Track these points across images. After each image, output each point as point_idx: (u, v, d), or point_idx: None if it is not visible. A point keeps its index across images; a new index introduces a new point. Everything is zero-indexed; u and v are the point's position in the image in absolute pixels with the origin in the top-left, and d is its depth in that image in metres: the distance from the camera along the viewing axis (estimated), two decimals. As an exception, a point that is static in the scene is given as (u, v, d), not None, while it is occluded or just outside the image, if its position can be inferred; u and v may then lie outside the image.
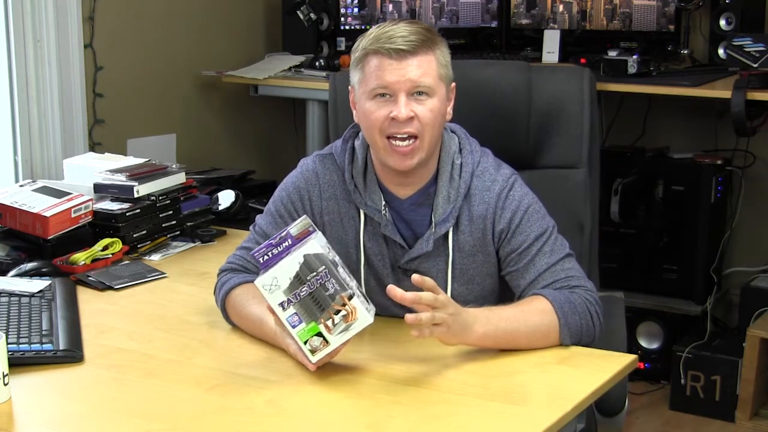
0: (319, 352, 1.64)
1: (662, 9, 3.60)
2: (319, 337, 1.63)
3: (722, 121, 3.64)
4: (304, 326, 1.63)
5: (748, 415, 3.32)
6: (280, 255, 1.65)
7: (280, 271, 1.63)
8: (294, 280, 1.63)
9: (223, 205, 2.85)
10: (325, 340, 1.63)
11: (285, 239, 1.66)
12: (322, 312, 1.63)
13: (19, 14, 3.06)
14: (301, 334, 1.63)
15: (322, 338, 1.63)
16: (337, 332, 1.63)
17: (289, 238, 1.67)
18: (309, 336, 1.63)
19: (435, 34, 1.86)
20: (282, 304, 1.63)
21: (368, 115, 1.85)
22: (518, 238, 1.89)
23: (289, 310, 1.63)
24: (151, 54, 3.69)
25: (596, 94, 2.22)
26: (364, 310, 1.65)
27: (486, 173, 1.92)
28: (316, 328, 1.63)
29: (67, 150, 3.19)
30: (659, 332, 3.62)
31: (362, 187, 1.93)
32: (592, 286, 1.87)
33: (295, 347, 1.69)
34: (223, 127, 4.08)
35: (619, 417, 1.98)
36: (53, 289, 2.08)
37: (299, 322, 1.63)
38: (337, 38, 3.98)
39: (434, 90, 1.83)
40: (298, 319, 1.63)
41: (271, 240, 1.68)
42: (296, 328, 1.63)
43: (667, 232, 3.62)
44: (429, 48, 1.82)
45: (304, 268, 1.63)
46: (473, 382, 1.66)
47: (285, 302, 1.63)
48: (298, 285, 1.63)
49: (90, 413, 1.59)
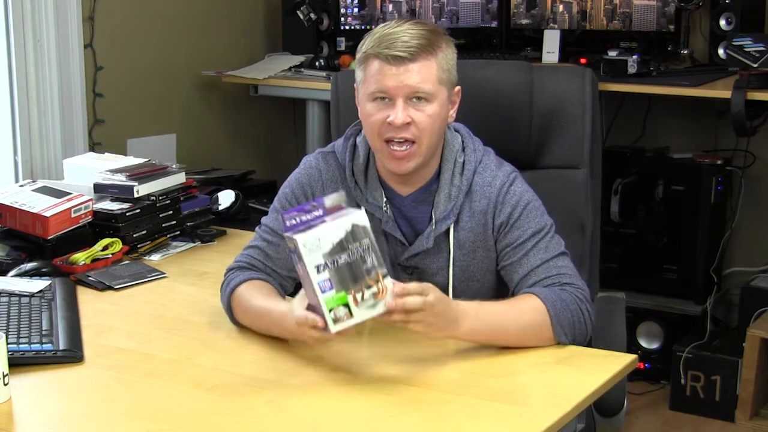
0: (341, 323, 1.60)
1: (662, 9, 3.60)
2: (344, 308, 1.60)
3: (722, 121, 3.64)
4: (334, 293, 1.59)
5: (748, 415, 3.32)
6: (308, 222, 1.62)
7: (325, 233, 1.60)
8: (336, 246, 1.59)
9: (223, 205, 2.85)
10: (349, 312, 1.60)
11: (317, 208, 1.63)
12: (354, 283, 1.60)
13: (19, 14, 3.06)
14: (329, 301, 1.59)
15: (347, 310, 1.60)
16: (364, 307, 1.61)
17: (321, 208, 1.63)
18: (336, 305, 1.60)
19: (440, 36, 1.85)
20: (318, 266, 1.59)
21: (367, 117, 1.86)
22: (515, 233, 1.89)
23: (323, 273, 1.59)
24: (151, 54, 3.69)
25: (598, 94, 2.22)
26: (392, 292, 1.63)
27: (487, 169, 1.93)
28: (345, 298, 1.60)
29: (67, 150, 3.19)
30: (659, 332, 3.62)
31: (363, 183, 1.94)
32: (584, 285, 1.87)
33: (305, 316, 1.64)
34: (223, 127, 4.09)
35: (618, 417, 1.98)
36: (53, 289, 2.08)
37: (330, 288, 1.59)
38: (337, 38, 3.98)
39: (434, 95, 1.83)
40: (330, 285, 1.59)
41: (304, 206, 1.64)
42: (325, 294, 1.59)
43: (667, 232, 3.62)
44: (430, 53, 1.82)
45: (350, 237, 1.60)
46: (473, 382, 1.66)
47: (322, 265, 1.59)
48: (339, 251, 1.59)
49: (90, 413, 1.59)
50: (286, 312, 1.73)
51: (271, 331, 1.83)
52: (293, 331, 1.71)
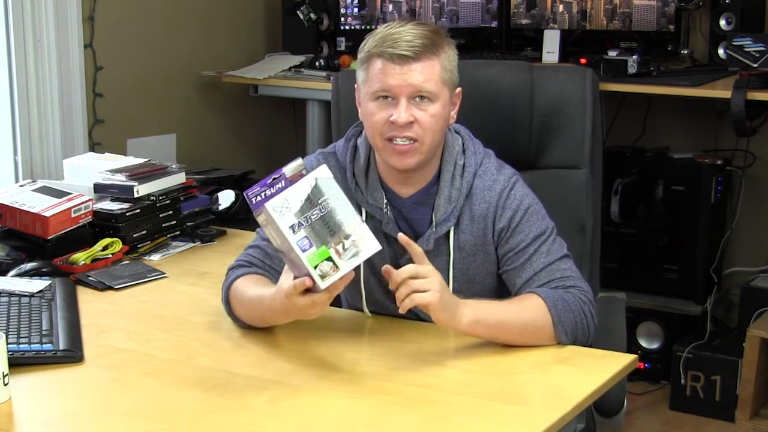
0: (329, 277, 1.61)
1: (662, 9, 3.60)
2: (329, 262, 1.60)
3: (722, 121, 3.64)
4: (315, 250, 1.60)
5: (748, 415, 3.32)
6: (273, 195, 1.62)
7: (290, 193, 1.61)
8: (305, 203, 1.60)
9: (223, 205, 2.85)
10: (335, 265, 1.61)
11: (279, 180, 1.64)
12: (332, 236, 1.61)
13: (19, 14, 3.06)
14: (311, 259, 1.60)
15: (332, 263, 1.61)
16: (348, 257, 1.61)
17: (282, 180, 1.64)
18: (319, 261, 1.60)
19: (442, 37, 1.85)
20: (293, 227, 1.60)
21: (370, 116, 1.86)
22: (517, 237, 1.89)
23: (299, 233, 1.60)
24: (151, 54, 3.69)
25: (599, 94, 2.22)
26: (372, 236, 1.63)
27: (488, 173, 1.92)
28: (327, 252, 1.60)
29: (67, 150, 3.19)
30: (659, 332, 3.62)
31: (364, 185, 1.93)
32: (588, 287, 1.88)
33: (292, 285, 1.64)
34: (223, 127, 4.09)
35: (618, 417, 1.98)
36: (53, 289, 2.08)
37: (309, 246, 1.60)
38: (337, 38, 3.98)
39: (436, 95, 1.83)
40: (309, 242, 1.60)
41: (266, 180, 1.65)
42: (306, 252, 1.60)
43: (667, 232, 3.62)
44: (433, 53, 1.82)
45: (316, 191, 1.61)
46: (473, 382, 1.66)
47: (296, 225, 1.60)
48: (309, 208, 1.60)
49: (90, 413, 1.59)
50: (275, 292, 1.73)
51: (265, 318, 1.83)
52: (284, 309, 1.71)
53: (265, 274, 1.92)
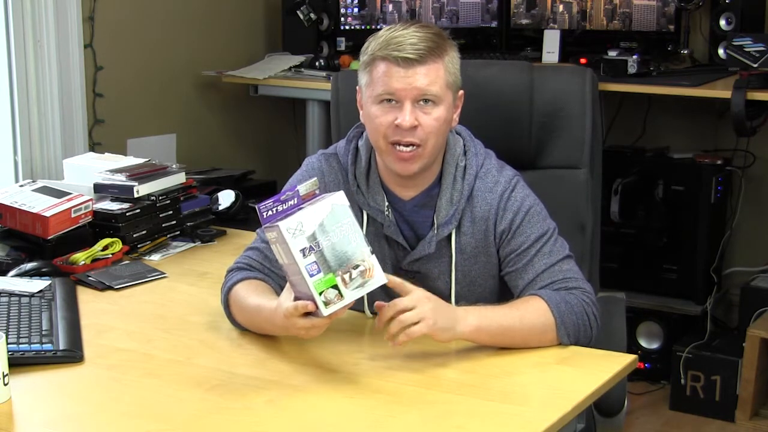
0: (332, 305, 1.61)
1: (662, 9, 3.60)
2: (334, 290, 1.61)
3: (722, 121, 3.64)
4: (322, 276, 1.60)
5: (748, 415, 3.32)
6: (285, 212, 1.63)
7: (306, 216, 1.61)
8: (318, 229, 1.60)
9: (223, 205, 2.85)
10: (339, 294, 1.61)
11: (292, 197, 1.65)
12: (341, 265, 1.61)
13: (19, 14, 3.06)
14: (318, 285, 1.60)
15: (338, 291, 1.61)
16: (353, 287, 1.62)
17: (296, 197, 1.65)
18: (325, 287, 1.60)
19: (445, 40, 1.85)
20: (303, 250, 1.60)
21: (373, 119, 1.85)
22: (518, 239, 1.89)
23: (309, 257, 1.60)
24: (151, 54, 3.69)
25: (598, 94, 2.22)
26: (380, 269, 1.63)
27: (489, 175, 1.92)
28: (333, 280, 1.61)
29: (67, 150, 3.18)
30: (659, 332, 3.62)
31: (365, 187, 1.93)
32: (590, 288, 1.87)
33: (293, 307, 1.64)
34: (223, 127, 4.08)
35: (618, 417, 1.98)
36: (53, 289, 2.08)
37: (317, 272, 1.60)
38: (337, 38, 3.98)
39: (441, 98, 1.82)
40: (317, 268, 1.60)
41: (279, 195, 1.65)
42: (313, 278, 1.60)
43: (667, 232, 3.62)
44: (438, 56, 1.82)
45: (331, 218, 1.61)
46: (473, 382, 1.66)
47: (307, 249, 1.60)
48: (321, 234, 1.60)
49: (90, 413, 1.59)
50: (276, 308, 1.73)
51: (263, 328, 1.83)
52: (282, 326, 1.71)
53: (265, 278, 1.91)
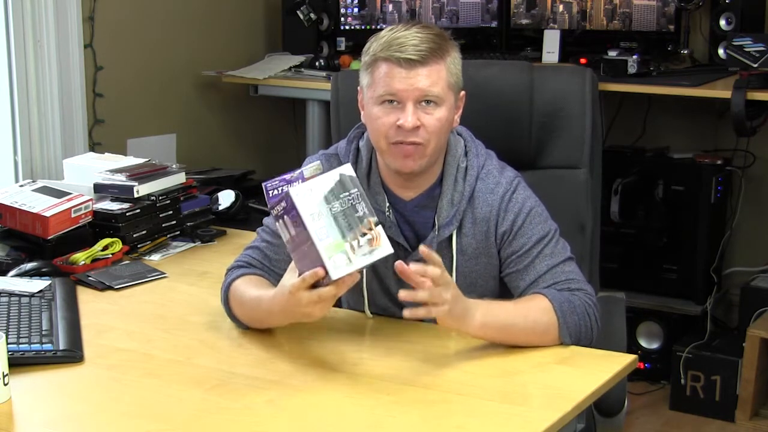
0: (341, 268, 1.62)
1: (662, 9, 3.60)
2: (343, 255, 1.62)
3: (722, 121, 3.64)
4: (332, 241, 1.62)
5: (748, 415, 3.32)
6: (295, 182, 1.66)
7: (316, 183, 1.63)
8: (328, 194, 1.63)
9: (223, 205, 2.85)
10: (348, 260, 1.62)
11: (298, 178, 1.68)
12: (349, 231, 1.62)
13: (19, 14, 3.06)
14: (327, 248, 1.61)
15: (346, 257, 1.62)
16: (361, 254, 1.63)
17: (300, 178, 1.67)
18: (334, 252, 1.62)
19: (447, 41, 1.85)
20: (313, 214, 1.62)
21: (375, 120, 1.85)
22: (520, 240, 1.89)
23: (319, 221, 1.61)
24: (151, 54, 3.69)
25: (598, 94, 2.22)
26: (387, 239, 1.65)
27: (490, 176, 1.92)
28: (342, 245, 1.62)
29: (67, 150, 3.18)
30: (659, 332, 3.62)
31: (366, 188, 1.92)
32: (592, 289, 1.87)
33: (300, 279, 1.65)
34: (223, 127, 4.08)
35: (618, 417, 1.98)
36: (53, 289, 2.08)
37: (326, 236, 1.62)
38: (337, 38, 3.98)
39: (443, 99, 1.82)
40: (326, 232, 1.62)
41: (285, 176, 1.67)
42: (323, 241, 1.61)
43: (667, 232, 3.62)
44: (440, 57, 1.81)
45: (339, 186, 1.63)
46: (473, 382, 1.66)
47: (316, 213, 1.62)
48: (331, 200, 1.63)
49: (90, 413, 1.59)
50: (276, 292, 1.73)
51: (263, 320, 1.83)
52: (285, 308, 1.70)
53: (265, 275, 1.91)
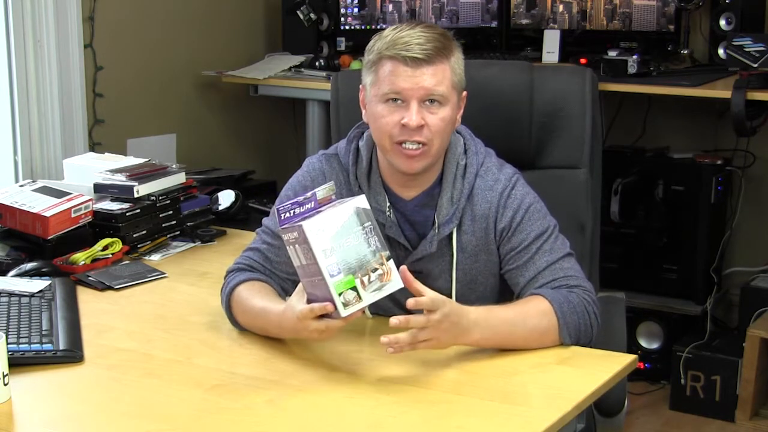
0: (350, 306, 1.62)
1: (662, 9, 3.60)
2: (353, 291, 1.61)
3: (722, 121, 3.64)
4: (342, 277, 1.61)
5: (748, 415, 3.32)
6: (303, 215, 1.65)
7: (329, 218, 1.62)
8: (341, 230, 1.62)
9: (223, 205, 2.85)
10: (358, 296, 1.62)
11: (310, 200, 1.67)
12: (360, 267, 1.62)
13: (19, 14, 3.06)
14: (338, 285, 1.61)
15: (356, 293, 1.62)
16: (371, 290, 1.62)
17: (313, 200, 1.67)
18: (345, 289, 1.61)
19: (451, 41, 1.85)
20: (325, 250, 1.61)
21: (378, 118, 1.84)
22: (519, 237, 1.89)
23: (330, 258, 1.60)
24: (151, 54, 3.69)
25: (598, 94, 2.22)
26: (397, 273, 1.64)
27: (489, 173, 1.92)
28: (353, 281, 1.61)
29: (67, 150, 3.19)
30: (659, 332, 3.62)
31: (366, 188, 1.93)
32: (591, 286, 1.87)
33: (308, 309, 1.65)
34: (223, 127, 4.08)
35: (618, 417, 1.98)
36: (53, 289, 2.08)
37: (337, 273, 1.61)
38: (337, 38, 3.98)
39: (447, 98, 1.82)
40: (338, 269, 1.61)
41: (298, 198, 1.67)
42: (334, 278, 1.60)
43: (667, 232, 3.62)
44: (445, 56, 1.82)
45: (354, 220, 1.63)
46: (473, 382, 1.66)
47: (328, 249, 1.61)
48: (344, 235, 1.62)
49: (90, 413, 1.59)
50: (284, 310, 1.73)
51: (268, 331, 1.83)
52: (293, 328, 1.71)
53: (267, 280, 1.91)
